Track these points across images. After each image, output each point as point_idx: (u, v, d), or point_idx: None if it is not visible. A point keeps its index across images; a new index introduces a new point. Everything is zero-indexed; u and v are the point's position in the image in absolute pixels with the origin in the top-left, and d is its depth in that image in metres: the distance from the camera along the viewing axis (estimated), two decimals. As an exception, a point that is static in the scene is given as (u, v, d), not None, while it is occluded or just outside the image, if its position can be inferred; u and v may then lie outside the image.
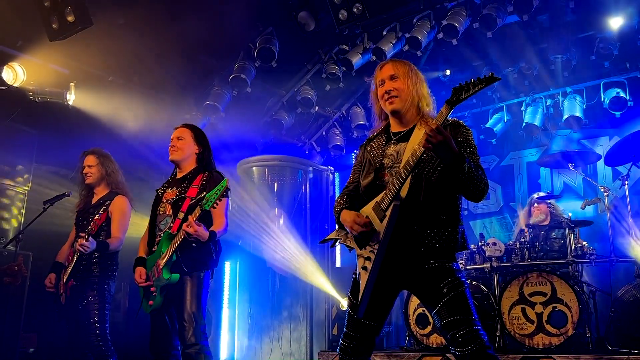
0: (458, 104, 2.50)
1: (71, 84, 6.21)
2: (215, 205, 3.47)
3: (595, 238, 6.46)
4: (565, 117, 6.99)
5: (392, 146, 2.83)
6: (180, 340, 3.62)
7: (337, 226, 2.97)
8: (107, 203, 4.45)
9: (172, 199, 3.82)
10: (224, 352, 7.00)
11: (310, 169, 7.77)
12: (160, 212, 3.86)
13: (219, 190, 3.46)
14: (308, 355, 6.89)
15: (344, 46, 6.79)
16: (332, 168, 8.23)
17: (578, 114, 6.90)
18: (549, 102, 7.32)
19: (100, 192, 4.58)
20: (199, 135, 4.03)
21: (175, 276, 3.61)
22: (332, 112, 8.05)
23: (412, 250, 2.66)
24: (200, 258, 3.70)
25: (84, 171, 4.56)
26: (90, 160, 4.58)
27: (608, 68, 6.70)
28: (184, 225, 3.51)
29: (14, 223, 6.24)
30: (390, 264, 2.69)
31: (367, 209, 2.75)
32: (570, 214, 5.72)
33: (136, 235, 5.08)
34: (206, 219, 3.73)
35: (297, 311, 7.00)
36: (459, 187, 2.65)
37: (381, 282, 2.71)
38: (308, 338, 6.95)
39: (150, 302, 3.64)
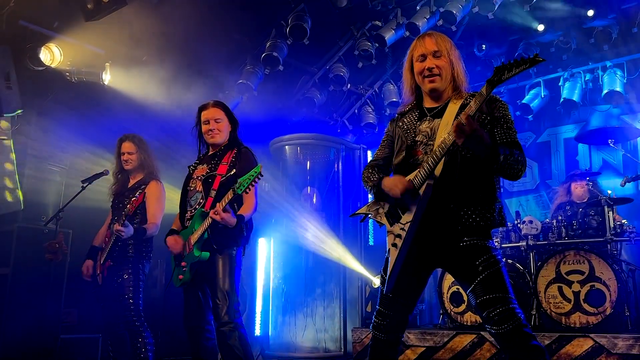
0: (500, 84, 2.44)
1: (106, 64, 6.28)
2: (247, 190, 3.48)
3: (635, 216, 6.31)
4: (604, 92, 6.81)
5: (426, 122, 2.78)
6: (214, 318, 3.67)
7: (370, 198, 2.92)
8: (142, 187, 4.51)
9: (203, 175, 3.83)
10: (258, 328, 7.11)
11: (343, 147, 7.74)
12: (191, 189, 3.89)
13: (253, 175, 3.46)
14: (341, 332, 6.94)
15: (377, 22, 6.70)
16: (364, 146, 8.19)
17: (618, 88, 6.71)
18: (587, 76, 7.13)
19: (136, 177, 4.65)
20: (229, 112, 4.01)
21: (205, 254, 3.64)
22: (364, 90, 7.99)
23: (448, 229, 2.63)
24: (231, 235, 3.72)
25: (124, 158, 4.61)
26: (129, 147, 4.62)
27: (651, 40, 6.48)
28: (212, 212, 3.54)
29: (54, 201, 6.39)
30: (424, 242, 2.67)
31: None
32: (609, 192, 5.59)
33: (171, 213, 5.15)
34: (236, 198, 3.75)
35: (330, 288, 7.04)
36: (495, 172, 2.62)
37: (415, 260, 2.70)
38: (341, 315, 6.99)
39: (180, 277, 3.70)
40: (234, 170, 3.63)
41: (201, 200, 3.77)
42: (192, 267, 3.67)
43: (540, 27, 6.46)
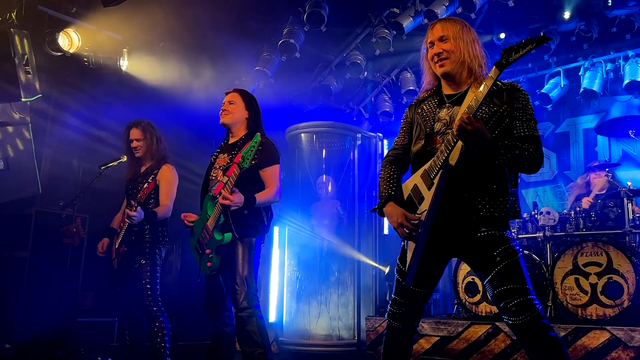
0: (507, 67, 2.42)
1: (124, 49, 6.30)
2: (252, 162, 3.48)
3: (655, 208, 6.22)
4: (626, 82, 6.69)
5: (444, 110, 2.75)
6: (232, 303, 3.70)
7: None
8: (155, 172, 4.51)
9: (224, 165, 3.87)
10: (272, 315, 7.14)
11: (359, 135, 7.70)
12: (212, 178, 3.92)
13: (254, 146, 3.46)
14: (355, 320, 6.95)
15: (395, 9, 6.63)
16: (380, 134, 8.15)
17: (640, 78, 6.59)
18: (608, 66, 7.01)
19: (148, 162, 4.64)
20: (249, 100, 4.04)
21: (228, 235, 3.66)
22: (381, 78, 7.93)
23: (463, 218, 2.61)
24: (252, 224, 3.75)
25: (132, 145, 4.61)
26: (137, 133, 4.61)
27: (674, 30, 6.34)
28: (220, 198, 3.55)
29: (72, 186, 6.44)
30: (441, 232, 2.66)
31: (416, 177, 2.71)
32: (629, 183, 5.51)
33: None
34: (257, 182, 3.77)
35: (344, 276, 7.04)
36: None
37: (432, 250, 2.68)
38: (355, 303, 7.00)
39: (209, 264, 3.72)
40: (254, 161, 3.62)
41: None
42: (218, 252, 3.69)
43: (567, 15, 6.35)
